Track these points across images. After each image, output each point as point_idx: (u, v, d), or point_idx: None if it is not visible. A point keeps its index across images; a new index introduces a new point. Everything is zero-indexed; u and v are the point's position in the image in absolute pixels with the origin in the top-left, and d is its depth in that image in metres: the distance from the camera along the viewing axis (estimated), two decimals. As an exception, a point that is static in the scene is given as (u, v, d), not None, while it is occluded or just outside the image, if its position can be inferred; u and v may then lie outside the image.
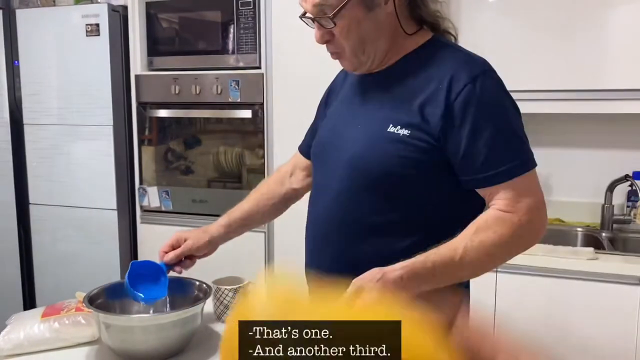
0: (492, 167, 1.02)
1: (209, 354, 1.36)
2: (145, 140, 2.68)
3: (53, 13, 2.69)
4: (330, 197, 1.16)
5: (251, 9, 2.41)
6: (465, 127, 1.02)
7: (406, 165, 1.05)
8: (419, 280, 0.98)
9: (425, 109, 1.04)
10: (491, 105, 1.03)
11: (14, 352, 1.36)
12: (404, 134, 1.05)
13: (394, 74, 1.12)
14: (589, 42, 2.17)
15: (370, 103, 1.14)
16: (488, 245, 1.00)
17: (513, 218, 1.01)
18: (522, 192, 1.02)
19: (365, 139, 1.10)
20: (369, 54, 1.10)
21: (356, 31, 1.06)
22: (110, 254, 2.71)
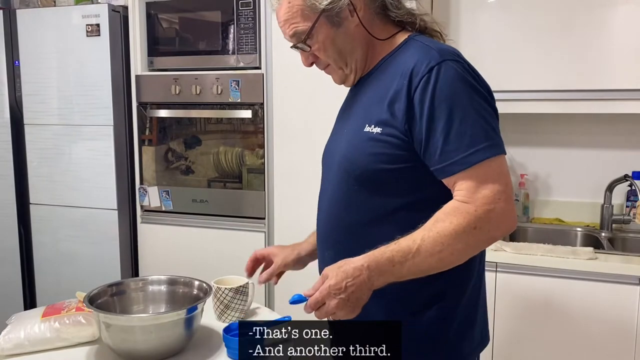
0: (448, 157, 1.03)
1: (209, 354, 1.36)
2: (145, 140, 2.68)
3: (53, 13, 2.69)
4: (327, 200, 1.22)
5: (251, 9, 2.41)
6: (423, 119, 1.04)
7: (383, 161, 1.08)
8: (380, 270, 1.00)
9: (393, 105, 1.08)
10: (446, 94, 1.02)
11: (14, 351, 1.36)
12: (376, 131, 1.09)
13: (372, 78, 1.18)
14: (589, 42, 2.17)
15: (353, 108, 1.21)
16: (444, 236, 1.00)
17: (469, 208, 1.00)
18: (481, 181, 1.01)
19: (348, 141, 1.16)
20: (351, 65, 1.17)
21: (332, 47, 1.15)
22: (110, 254, 2.71)
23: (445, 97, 1.02)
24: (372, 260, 1.00)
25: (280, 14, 1.16)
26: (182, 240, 2.63)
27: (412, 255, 1.00)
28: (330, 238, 1.21)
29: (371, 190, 1.12)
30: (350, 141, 1.15)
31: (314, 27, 1.12)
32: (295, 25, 1.14)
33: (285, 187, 2.42)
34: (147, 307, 1.49)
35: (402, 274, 1.01)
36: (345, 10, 1.12)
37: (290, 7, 1.13)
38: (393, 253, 1.01)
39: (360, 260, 1.01)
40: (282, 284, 2.49)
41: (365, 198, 1.13)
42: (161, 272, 2.04)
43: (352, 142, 1.15)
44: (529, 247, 2.08)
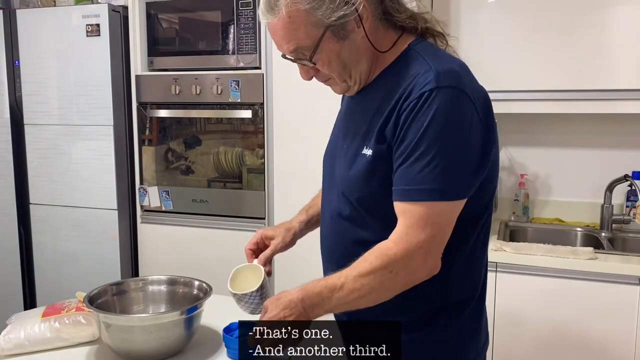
0: (397, 182, 1.01)
1: (209, 354, 1.36)
2: (145, 140, 2.68)
3: (53, 13, 2.69)
4: (331, 215, 1.20)
5: (251, 9, 2.41)
6: (397, 139, 1.01)
7: (380, 184, 1.05)
8: (312, 303, 1.02)
9: (386, 126, 1.04)
10: (426, 125, 0.97)
11: (14, 351, 1.36)
12: (368, 154, 1.06)
13: (371, 92, 1.12)
14: (589, 42, 2.17)
15: (355, 120, 1.15)
16: (362, 276, 1.00)
17: (390, 250, 0.99)
18: (413, 222, 0.98)
19: (347, 161, 1.13)
20: (355, 76, 1.11)
21: (337, 61, 1.07)
22: (110, 254, 2.71)
23: (424, 127, 0.97)
24: (305, 294, 1.03)
25: (276, 29, 1.05)
26: (182, 240, 2.63)
27: (336, 291, 1.01)
28: (335, 254, 1.19)
29: (374, 211, 1.09)
30: (349, 163, 1.12)
31: (319, 43, 1.03)
32: (296, 41, 1.04)
33: (285, 187, 2.42)
34: (147, 307, 1.49)
35: (331, 308, 1.03)
36: (352, 22, 1.04)
37: (290, 22, 1.02)
38: (322, 288, 1.02)
39: (296, 293, 1.03)
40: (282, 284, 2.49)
41: (369, 218, 1.10)
42: (161, 272, 2.04)
43: (351, 164, 1.11)
44: (529, 247, 2.08)
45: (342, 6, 1.01)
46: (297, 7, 1.01)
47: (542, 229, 2.46)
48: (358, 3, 1.02)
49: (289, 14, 1.02)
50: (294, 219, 1.41)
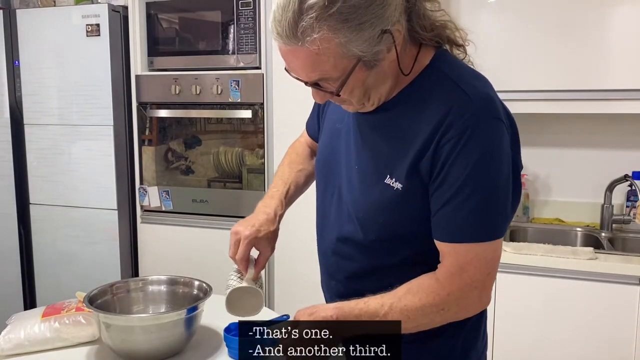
0: (446, 221, 0.96)
1: (209, 354, 1.36)
2: (145, 140, 2.68)
3: (53, 13, 2.69)
4: (335, 238, 1.13)
5: (251, 9, 2.41)
6: (440, 176, 0.95)
7: (405, 217, 1.00)
8: (346, 324, 0.98)
9: (418, 158, 0.97)
10: (471, 161, 0.92)
11: (14, 351, 1.36)
12: (397, 187, 0.99)
13: (392, 113, 1.03)
14: (589, 42, 2.17)
15: (368, 143, 1.06)
16: (410, 310, 0.97)
17: (442, 290, 0.96)
18: (464, 263, 0.95)
19: (363, 189, 1.05)
20: (374, 99, 1.01)
21: (360, 88, 0.97)
22: (110, 254, 2.71)
23: (470, 166, 0.92)
24: (340, 314, 0.98)
25: (297, 56, 0.92)
26: (182, 240, 2.63)
27: (377, 318, 0.98)
28: (340, 271, 1.15)
29: (392, 240, 1.04)
30: (367, 192, 1.04)
31: (349, 75, 0.92)
32: (322, 72, 0.92)
33: (285, 187, 2.42)
34: (147, 307, 1.49)
35: (368, 331, 0.98)
36: (384, 50, 0.93)
37: (317, 52, 0.89)
38: (361, 312, 0.98)
39: (331, 310, 0.99)
40: (282, 284, 2.50)
41: (385, 245, 1.05)
42: (161, 272, 2.04)
43: (370, 192, 1.03)
44: (529, 247, 2.08)
45: (380, 39, 0.90)
46: (330, 38, 0.88)
47: (542, 229, 2.46)
48: (395, 30, 0.92)
49: (319, 44, 0.88)
50: (273, 210, 1.27)
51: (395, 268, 1.06)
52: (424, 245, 1.01)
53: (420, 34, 1.00)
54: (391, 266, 1.06)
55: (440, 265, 0.99)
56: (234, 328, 1.40)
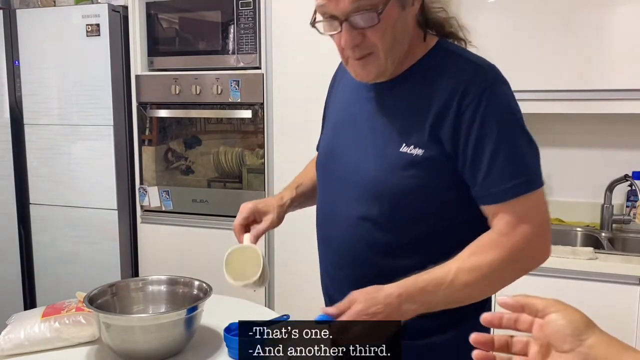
0: (491, 186, 0.98)
1: (209, 354, 1.36)
2: (145, 140, 2.68)
3: (53, 13, 2.70)
4: (347, 223, 1.11)
5: (251, 9, 2.41)
6: (471, 142, 0.98)
7: (423, 185, 1.01)
8: (412, 299, 0.96)
9: (437, 126, 1.00)
10: (497, 121, 0.98)
11: (14, 351, 1.36)
12: (417, 153, 1.00)
13: (402, 87, 1.06)
14: (589, 42, 2.17)
15: (379, 118, 1.08)
16: (480, 269, 0.97)
17: (508, 242, 0.98)
18: (523, 214, 0.98)
19: (379, 160, 1.05)
20: (394, 59, 1.03)
21: (391, 31, 1.00)
22: (110, 254, 2.71)
23: (496, 123, 0.97)
24: (404, 289, 0.96)
25: None
26: (182, 240, 2.63)
27: (445, 285, 0.97)
28: (349, 259, 1.12)
29: (407, 212, 1.04)
30: (383, 161, 1.04)
31: (388, 3, 0.97)
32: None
33: (285, 187, 2.42)
34: (147, 307, 1.49)
35: (434, 303, 0.98)
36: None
37: None
38: (426, 282, 0.97)
39: (392, 287, 0.96)
40: (282, 284, 2.50)
41: (402, 220, 1.04)
42: (161, 272, 2.04)
43: (386, 162, 1.04)
44: (529, 247, 2.08)
45: None
46: None
47: (542, 229, 2.45)
48: None
49: None
50: (283, 194, 1.31)
51: (419, 244, 1.05)
52: (446, 216, 1.03)
53: (431, 13, 1.07)
54: (415, 241, 1.05)
55: (495, 225, 0.99)
56: (234, 328, 1.40)
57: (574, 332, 0.61)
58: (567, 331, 0.61)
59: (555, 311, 0.63)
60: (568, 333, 0.61)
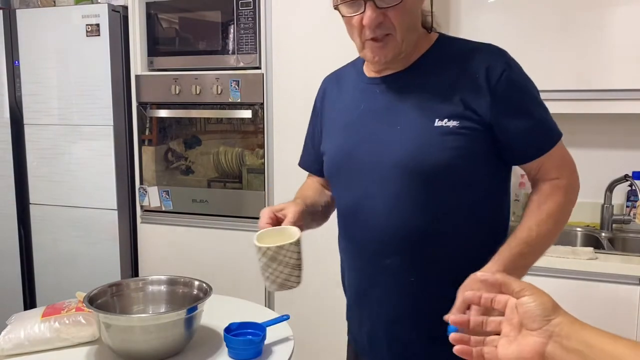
0: (538, 139, 1.10)
1: (209, 354, 1.36)
2: (145, 140, 2.68)
3: (53, 13, 2.69)
4: (380, 208, 1.11)
5: (251, 9, 2.41)
6: (512, 108, 1.07)
7: (460, 155, 1.07)
8: (515, 268, 1.02)
9: (469, 100, 1.07)
10: (525, 85, 1.12)
11: (14, 351, 1.36)
12: (453, 125, 1.06)
13: (418, 74, 1.14)
14: (589, 42, 2.17)
15: (402, 104, 1.12)
16: (553, 214, 1.07)
17: (562, 183, 1.10)
18: (562, 157, 1.12)
19: (413, 138, 1.09)
20: (408, 42, 1.11)
21: (409, 15, 1.09)
22: (110, 254, 2.71)
23: (525, 88, 1.11)
24: (503, 261, 1.03)
25: None
26: (182, 240, 2.63)
27: (533, 242, 1.05)
28: (396, 244, 1.10)
29: (444, 187, 1.08)
30: (419, 138, 1.08)
31: None
32: None
33: (285, 187, 2.42)
34: (147, 307, 1.49)
35: (530, 263, 1.07)
36: None
37: None
38: (519, 247, 1.04)
39: (494, 266, 1.02)
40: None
41: (439, 196, 1.08)
42: (161, 272, 2.04)
43: (422, 138, 1.08)
44: (529, 247, 2.08)
45: None
46: None
47: (542, 229, 2.45)
48: None
49: None
50: (296, 202, 1.26)
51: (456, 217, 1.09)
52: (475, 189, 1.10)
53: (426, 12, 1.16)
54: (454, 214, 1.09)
55: (543, 175, 1.11)
56: (234, 328, 1.40)
57: (543, 312, 0.69)
58: (537, 312, 0.70)
59: (529, 294, 0.71)
60: (537, 314, 0.70)
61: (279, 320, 1.50)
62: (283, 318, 1.51)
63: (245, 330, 1.41)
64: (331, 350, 2.37)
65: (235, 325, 1.40)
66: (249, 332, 1.40)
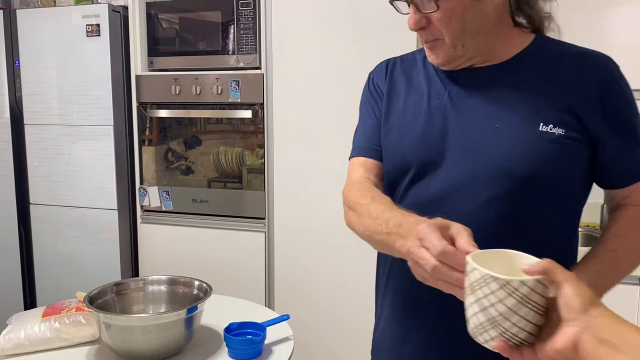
0: (635, 164, 1.03)
1: (209, 354, 1.36)
2: (145, 140, 2.68)
3: (53, 13, 2.69)
4: (463, 208, 1.00)
5: (251, 9, 2.41)
6: (619, 125, 1.01)
7: (561, 165, 0.99)
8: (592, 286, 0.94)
9: (576, 108, 0.99)
10: (632, 100, 1.04)
11: (14, 351, 1.36)
12: (559, 133, 0.98)
13: (518, 70, 1.03)
14: (589, 42, 2.17)
15: (498, 100, 1.02)
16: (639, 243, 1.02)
17: None
18: None
19: (515, 140, 0.99)
20: (468, 47, 1.01)
21: (459, 20, 0.97)
22: (110, 254, 2.71)
23: (633, 104, 1.03)
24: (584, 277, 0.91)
25: None
26: (182, 240, 2.63)
27: (615, 264, 1.00)
28: None
29: (535, 197, 1.00)
30: (522, 141, 0.99)
31: None
32: None
33: (285, 187, 2.42)
34: (147, 307, 1.50)
35: (609, 284, 1.00)
36: None
37: None
38: (599, 265, 0.99)
39: None
40: (282, 284, 2.50)
41: (527, 205, 1.00)
42: (161, 272, 2.05)
43: (526, 142, 0.98)
44: (529, 247, 2.08)
45: None
46: None
47: (542, 229, 2.45)
48: None
49: None
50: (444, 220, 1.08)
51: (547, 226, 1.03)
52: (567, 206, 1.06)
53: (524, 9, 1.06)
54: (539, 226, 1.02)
55: (632, 201, 1.06)
56: (234, 328, 1.40)
57: (582, 303, 0.69)
58: (577, 302, 0.69)
59: (571, 286, 0.70)
60: (577, 304, 0.69)
61: (279, 320, 1.50)
62: (283, 318, 1.51)
63: (245, 330, 1.41)
64: (331, 350, 2.37)
65: (235, 325, 1.41)
66: (249, 332, 1.40)
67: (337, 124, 2.26)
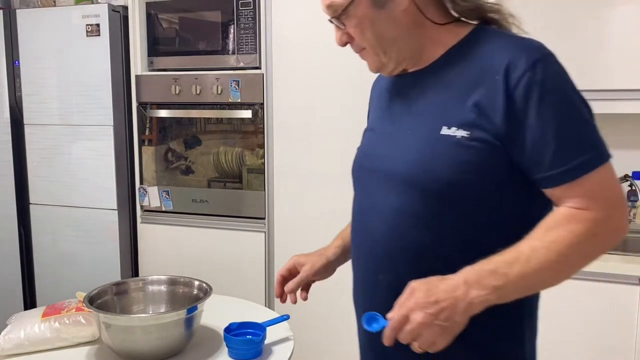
0: (563, 163, 0.88)
1: (209, 354, 1.36)
2: (145, 140, 2.68)
3: (53, 13, 2.69)
4: (379, 219, 1.01)
5: (251, 9, 2.41)
6: (529, 120, 0.88)
7: (468, 171, 0.91)
8: (481, 285, 0.85)
9: (483, 105, 0.91)
10: (555, 93, 0.89)
11: (14, 351, 1.36)
12: (461, 135, 0.91)
13: (437, 71, 1.00)
14: (589, 42, 2.17)
15: (415, 105, 1.01)
16: (561, 245, 0.87)
17: (587, 215, 0.87)
18: (597, 187, 0.89)
19: (417, 146, 0.96)
20: (390, 55, 1.00)
21: (370, 30, 0.98)
22: (110, 254, 2.71)
23: (555, 96, 0.89)
24: (470, 273, 0.86)
25: None
26: (182, 240, 2.63)
27: (518, 264, 0.86)
28: (391, 260, 1.00)
29: (449, 205, 0.94)
30: (423, 147, 0.95)
31: (350, 4, 0.96)
32: None
33: (285, 187, 2.42)
34: (147, 307, 1.50)
35: (507, 290, 0.87)
36: None
37: None
38: (496, 265, 0.86)
39: (456, 275, 0.86)
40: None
41: (443, 215, 0.94)
42: (161, 272, 2.05)
43: (426, 147, 0.95)
44: (529, 247, 2.08)
45: None
46: None
47: (542, 229, 2.45)
48: None
49: None
50: (330, 245, 1.28)
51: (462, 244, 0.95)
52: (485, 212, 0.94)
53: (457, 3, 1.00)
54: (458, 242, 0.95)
55: (567, 202, 0.89)
56: (234, 328, 1.40)
57: None
58: None
59: None
60: None
61: (279, 320, 1.50)
62: (283, 318, 1.51)
63: (245, 330, 1.41)
64: (331, 350, 2.37)
65: (235, 325, 1.41)
66: (249, 332, 1.40)
67: (337, 123, 2.26)
